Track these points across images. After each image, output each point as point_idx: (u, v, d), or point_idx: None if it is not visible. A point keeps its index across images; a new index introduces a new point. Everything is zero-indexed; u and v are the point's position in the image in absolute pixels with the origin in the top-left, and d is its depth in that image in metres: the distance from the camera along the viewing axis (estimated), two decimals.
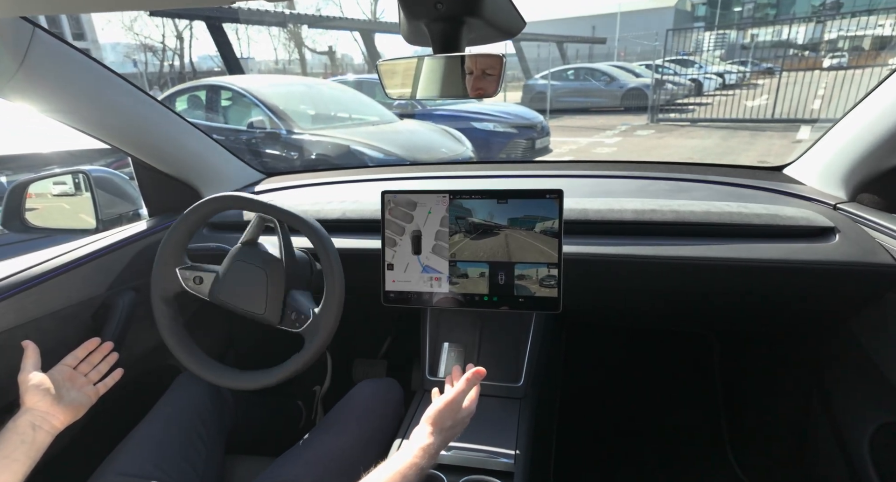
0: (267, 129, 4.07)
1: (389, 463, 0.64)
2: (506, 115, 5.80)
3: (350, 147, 3.86)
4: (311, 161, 3.95)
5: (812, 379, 1.13)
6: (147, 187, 1.18)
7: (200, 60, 22.30)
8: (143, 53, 21.02)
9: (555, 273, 0.87)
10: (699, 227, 0.94)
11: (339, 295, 0.85)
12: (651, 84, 9.83)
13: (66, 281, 0.93)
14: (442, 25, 0.59)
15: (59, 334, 0.93)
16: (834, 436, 1.03)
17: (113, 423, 0.91)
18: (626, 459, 1.42)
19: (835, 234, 0.89)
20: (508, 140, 5.61)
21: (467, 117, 5.64)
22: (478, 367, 0.73)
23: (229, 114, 4.52)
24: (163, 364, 1.18)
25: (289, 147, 4.02)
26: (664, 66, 10.12)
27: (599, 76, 11.30)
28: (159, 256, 0.91)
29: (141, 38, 20.66)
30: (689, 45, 11.81)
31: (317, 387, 1.45)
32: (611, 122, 9.51)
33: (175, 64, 20.73)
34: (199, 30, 19.58)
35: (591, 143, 7.80)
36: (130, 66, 21.00)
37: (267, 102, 4.19)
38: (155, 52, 20.87)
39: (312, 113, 4.51)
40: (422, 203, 0.92)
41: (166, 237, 0.92)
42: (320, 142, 3.99)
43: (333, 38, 26.36)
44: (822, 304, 0.96)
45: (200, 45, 51.00)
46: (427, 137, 4.49)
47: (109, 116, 0.96)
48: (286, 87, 4.99)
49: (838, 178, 0.98)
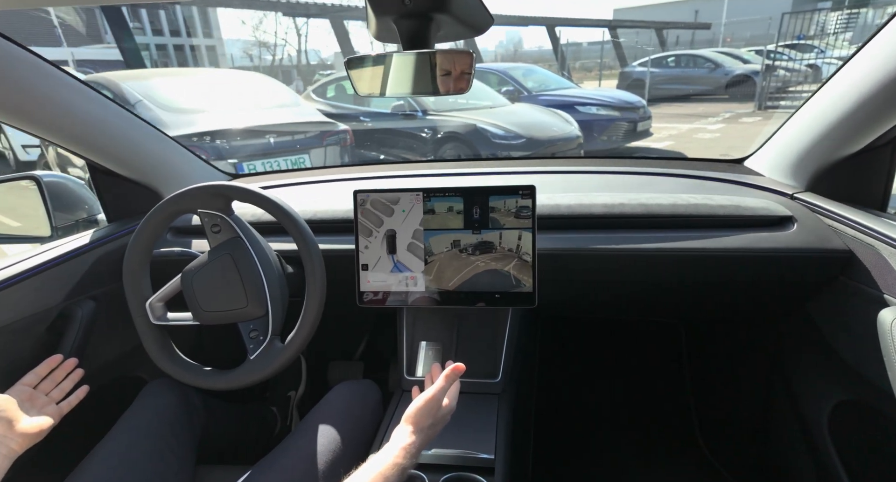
0: (406, 111, 4.86)
1: (370, 464, 0.63)
2: (608, 99, 6.11)
3: (476, 125, 4.53)
4: (442, 138, 4.67)
5: (773, 362, 1.17)
6: (104, 192, 1.14)
7: (312, 54, 24.59)
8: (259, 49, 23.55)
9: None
10: (666, 218, 0.97)
11: (315, 314, 0.85)
12: (761, 70, 9.44)
13: (20, 291, 0.89)
14: (410, 22, 0.59)
15: (12, 349, 0.88)
16: (795, 415, 1.07)
17: (75, 439, 0.85)
18: (602, 448, 1.45)
19: (793, 223, 0.93)
20: (610, 123, 5.92)
21: (570, 101, 6.02)
22: (457, 364, 0.72)
23: (373, 99, 5.38)
24: (127, 375, 1.15)
25: (424, 125, 4.77)
26: (778, 51, 9.64)
27: (703, 63, 10.98)
28: (130, 249, 0.88)
29: (259, 34, 23.23)
30: (809, 27, 11.01)
31: (291, 392, 1.42)
32: (713, 110, 9.32)
33: (287, 58, 23.07)
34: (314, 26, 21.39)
35: (692, 129, 7.79)
36: (247, 61, 23.71)
37: None
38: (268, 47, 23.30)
39: (442, 97, 5.23)
40: (395, 202, 0.91)
41: (137, 230, 0.88)
42: (450, 121, 4.71)
43: None
44: (783, 290, 1.00)
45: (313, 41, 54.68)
46: (539, 117, 5.05)
47: (63, 119, 0.92)
48: None
49: (794, 169, 1.02)
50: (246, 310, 0.85)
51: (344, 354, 1.60)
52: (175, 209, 0.87)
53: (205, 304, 0.86)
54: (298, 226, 0.85)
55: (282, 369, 0.85)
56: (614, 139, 5.92)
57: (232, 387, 0.86)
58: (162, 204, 0.86)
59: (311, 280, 0.84)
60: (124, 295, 0.88)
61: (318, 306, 0.85)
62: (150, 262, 0.91)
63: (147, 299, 0.87)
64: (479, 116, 4.72)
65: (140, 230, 0.87)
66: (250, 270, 0.85)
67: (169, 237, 1.11)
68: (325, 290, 0.85)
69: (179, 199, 0.86)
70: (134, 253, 0.87)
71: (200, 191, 0.86)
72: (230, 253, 0.85)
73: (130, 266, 0.87)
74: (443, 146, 4.77)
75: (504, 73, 6.81)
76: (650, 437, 1.47)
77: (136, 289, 0.88)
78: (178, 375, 0.87)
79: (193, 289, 0.86)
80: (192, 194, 0.86)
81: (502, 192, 0.88)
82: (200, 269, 0.86)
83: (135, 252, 0.87)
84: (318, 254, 0.85)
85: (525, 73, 7.03)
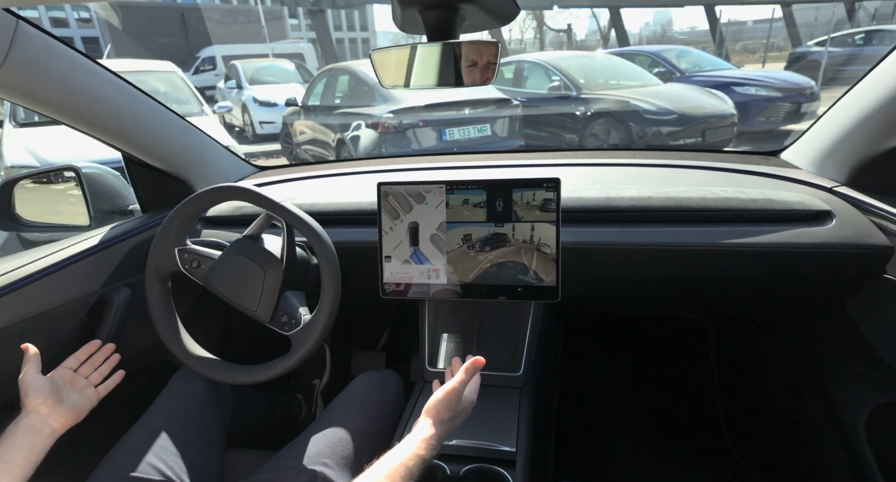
0: (562, 92, 5.48)
1: (392, 454, 0.64)
2: (770, 79, 5.94)
3: (629, 102, 4.98)
4: (594, 114, 5.20)
5: (807, 361, 1.13)
6: (139, 183, 1.19)
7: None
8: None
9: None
10: (696, 212, 0.94)
11: (333, 305, 0.86)
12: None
13: (61, 278, 0.94)
14: (435, 12, 0.59)
15: (55, 332, 0.93)
16: (829, 417, 1.03)
17: (111, 421, 0.90)
18: (625, 445, 1.43)
19: (831, 218, 0.90)
20: (770, 104, 5.75)
21: (727, 82, 5.93)
22: (477, 357, 0.73)
23: (528, 82, 6.09)
24: (160, 360, 1.20)
25: (578, 104, 5.35)
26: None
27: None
28: (160, 233, 0.92)
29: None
30: None
31: (316, 380, 1.46)
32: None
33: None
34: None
35: None
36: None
37: (561, 70, 5.60)
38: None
39: (594, 78, 5.75)
40: (418, 194, 0.92)
41: (170, 216, 0.92)
42: (603, 99, 5.21)
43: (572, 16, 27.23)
44: (819, 287, 0.97)
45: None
46: (691, 96, 5.28)
47: (98, 111, 0.95)
48: (573, 58, 6.40)
49: (834, 161, 0.98)
50: (255, 312, 0.89)
51: (367, 345, 1.64)
52: (215, 198, 0.93)
53: (221, 280, 0.91)
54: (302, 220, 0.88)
55: (288, 371, 0.88)
56: (773, 120, 5.77)
57: (228, 381, 0.90)
58: (203, 192, 0.91)
59: (325, 300, 0.86)
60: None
61: (328, 321, 0.86)
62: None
63: (164, 271, 0.94)
64: (631, 94, 5.13)
65: (178, 209, 0.93)
66: (272, 287, 0.89)
67: (199, 227, 1.16)
68: (336, 308, 0.87)
69: (221, 191, 0.91)
70: (170, 224, 0.92)
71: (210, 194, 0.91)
72: (263, 266, 0.89)
73: (164, 235, 0.93)
74: (594, 122, 5.26)
75: (656, 55, 6.96)
76: (675, 435, 1.44)
77: (155, 257, 0.93)
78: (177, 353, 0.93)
79: (227, 261, 0.91)
80: (203, 197, 0.91)
81: (526, 184, 0.88)
82: (242, 253, 0.91)
83: (171, 225, 0.92)
84: (333, 257, 0.88)
85: (679, 54, 7.10)
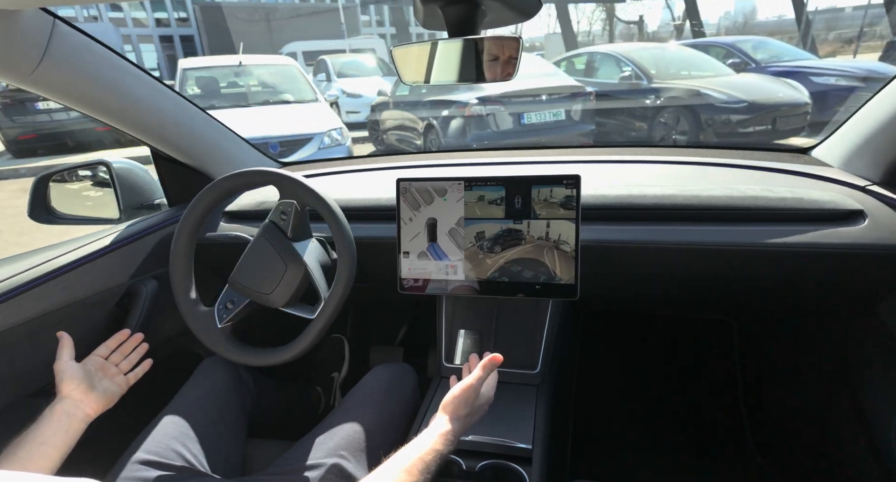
0: (633, 81, 5.81)
1: (410, 448, 0.65)
2: (853, 69, 5.89)
3: (700, 91, 5.24)
4: (664, 102, 5.50)
5: (836, 364, 1.10)
6: (167, 178, 1.21)
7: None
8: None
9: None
10: (721, 211, 0.92)
11: (346, 286, 0.88)
12: None
13: (93, 269, 0.97)
14: (456, 8, 0.59)
15: (86, 321, 0.97)
16: (859, 422, 1.00)
17: (138, 408, 0.91)
18: (644, 445, 1.41)
19: (863, 218, 0.87)
20: (850, 93, 5.67)
21: (803, 71, 5.91)
22: (494, 354, 0.73)
23: (600, 72, 6.45)
24: (186, 350, 1.21)
25: (647, 93, 5.67)
26: None
27: None
28: (201, 195, 0.93)
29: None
30: None
31: (335, 373, 1.49)
32: None
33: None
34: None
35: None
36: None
37: (633, 60, 5.93)
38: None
39: (665, 68, 6.02)
40: (437, 190, 0.92)
41: (207, 189, 0.93)
42: (674, 88, 5.50)
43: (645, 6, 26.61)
44: (850, 289, 0.94)
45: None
46: (763, 85, 5.43)
47: (130, 107, 0.97)
48: (645, 50, 6.69)
49: (867, 159, 0.96)
50: (269, 296, 0.91)
51: (385, 340, 1.67)
52: (254, 180, 0.94)
53: (243, 259, 0.93)
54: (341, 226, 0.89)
55: (297, 357, 0.89)
56: (851, 110, 5.68)
57: (256, 364, 0.92)
58: (204, 190, 0.92)
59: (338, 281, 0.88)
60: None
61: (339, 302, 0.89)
62: (203, 245, 0.98)
63: (190, 289, 0.94)
64: (702, 84, 5.35)
65: (186, 216, 0.93)
66: (290, 283, 0.90)
67: (222, 222, 1.17)
68: (348, 291, 0.89)
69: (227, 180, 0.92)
70: (180, 237, 0.93)
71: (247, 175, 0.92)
72: (286, 262, 0.91)
73: (177, 248, 0.93)
74: (663, 110, 5.53)
75: (730, 46, 7.01)
76: (696, 438, 1.42)
77: (192, 215, 0.93)
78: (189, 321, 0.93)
79: (255, 244, 0.93)
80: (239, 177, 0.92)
81: (545, 181, 0.87)
82: (272, 242, 0.92)
83: (181, 236, 0.93)
84: (350, 241, 0.90)
85: (756, 45, 7.09)
